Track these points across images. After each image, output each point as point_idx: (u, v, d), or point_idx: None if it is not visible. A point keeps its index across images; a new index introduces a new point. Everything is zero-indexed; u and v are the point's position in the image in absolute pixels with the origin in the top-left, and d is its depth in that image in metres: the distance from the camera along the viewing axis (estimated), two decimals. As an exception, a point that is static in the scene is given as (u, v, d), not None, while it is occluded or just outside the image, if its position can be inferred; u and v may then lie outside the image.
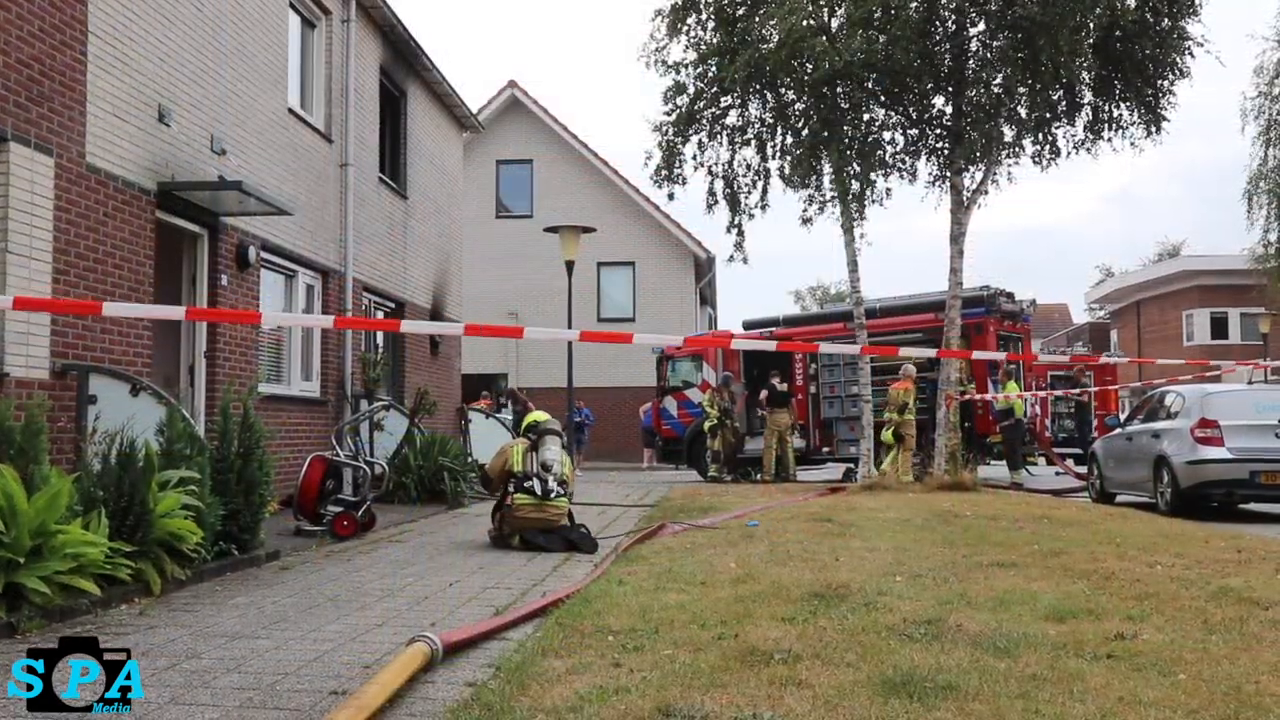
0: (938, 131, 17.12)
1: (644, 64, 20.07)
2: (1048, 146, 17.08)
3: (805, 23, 15.25)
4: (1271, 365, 16.53)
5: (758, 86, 16.67)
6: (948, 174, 16.72)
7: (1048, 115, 16.59)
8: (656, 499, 13.25)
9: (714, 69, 16.74)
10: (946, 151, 16.75)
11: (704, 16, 16.93)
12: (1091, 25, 15.11)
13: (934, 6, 15.81)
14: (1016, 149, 17.06)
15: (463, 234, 20.54)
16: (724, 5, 16.72)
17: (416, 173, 16.99)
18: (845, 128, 16.49)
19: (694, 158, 17.52)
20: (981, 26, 16.31)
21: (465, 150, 21.83)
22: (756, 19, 16.12)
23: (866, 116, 17.09)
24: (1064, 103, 16.60)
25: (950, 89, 16.42)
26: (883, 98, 16.96)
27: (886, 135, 17.34)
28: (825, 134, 16.18)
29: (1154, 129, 16.46)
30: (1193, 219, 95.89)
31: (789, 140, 17.26)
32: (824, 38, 15.39)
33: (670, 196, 17.88)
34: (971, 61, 16.35)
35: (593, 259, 28.83)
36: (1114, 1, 14.92)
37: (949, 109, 16.65)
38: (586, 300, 28.72)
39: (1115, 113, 16.74)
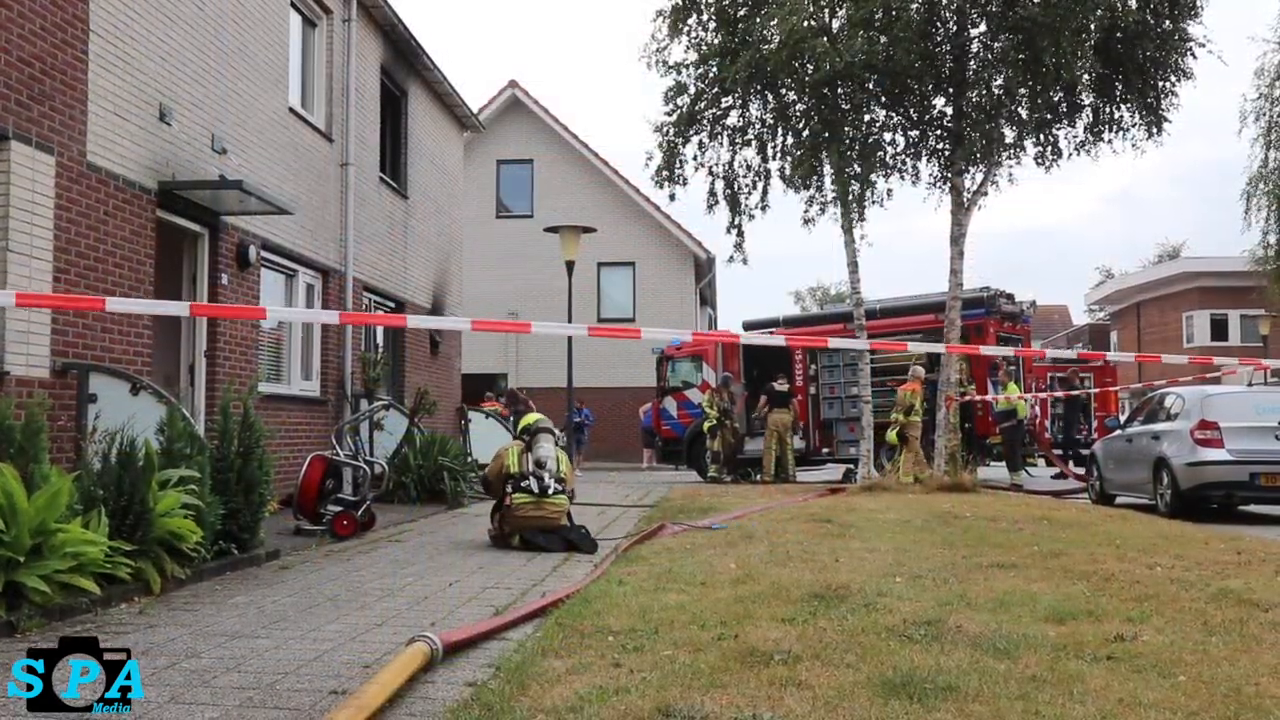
0: (938, 132, 17.12)
1: (645, 64, 20.12)
2: (1049, 148, 17.10)
3: (806, 23, 15.26)
4: (1272, 366, 16.50)
5: (758, 87, 16.69)
6: (948, 175, 16.73)
7: (1048, 116, 16.61)
8: (656, 499, 13.25)
9: (715, 69, 16.76)
10: (947, 152, 16.76)
11: (705, 17, 16.95)
12: (1093, 26, 15.13)
13: (935, 8, 15.82)
14: (1017, 150, 17.09)
15: (463, 234, 20.54)
16: (725, 6, 16.74)
17: (417, 172, 16.99)
18: (846, 129, 16.50)
19: (695, 158, 17.58)
20: (983, 27, 16.34)
21: (465, 150, 21.82)
22: (757, 19, 16.13)
23: (867, 117, 17.11)
24: (1065, 104, 16.61)
25: (951, 90, 16.43)
26: (883, 99, 16.97)
27: (887, 136, 17.39)
28: (826, 135, 16.19)
29: (1155, 130, 16.50)
30: (1193, 220, 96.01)
31: (790, 141, 17.28)
32: (825, 38, 15.39)
33: (671, 197, 17.93)
34: (972, 62, 16.36)
35: (593, 259, 28.82)
36: (1115, 3, 14.93)
37: (950, 110, 16.67)
38: (587, 300, 28.72)
39: (1116, 114, 16.77)
